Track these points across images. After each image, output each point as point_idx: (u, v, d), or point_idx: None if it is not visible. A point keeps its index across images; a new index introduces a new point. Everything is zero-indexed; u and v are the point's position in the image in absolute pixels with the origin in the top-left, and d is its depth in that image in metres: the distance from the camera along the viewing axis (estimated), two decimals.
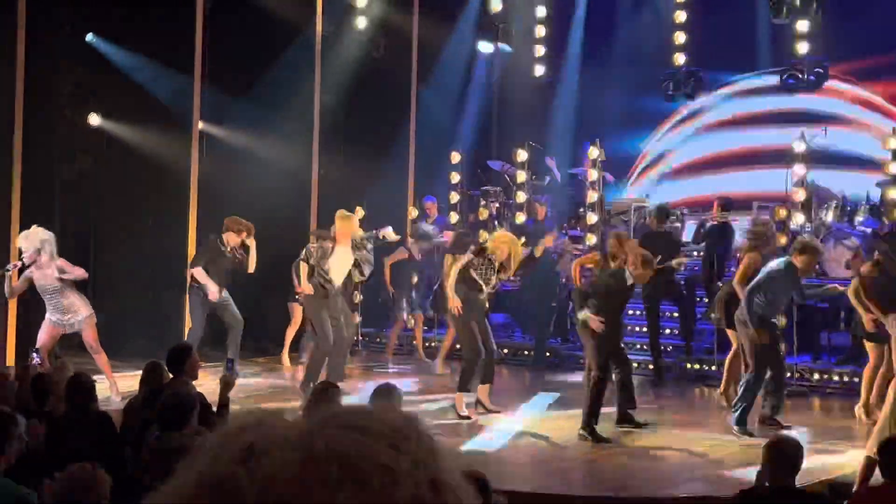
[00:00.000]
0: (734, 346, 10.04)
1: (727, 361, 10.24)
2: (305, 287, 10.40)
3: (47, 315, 10.31)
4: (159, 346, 9.50)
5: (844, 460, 7.88)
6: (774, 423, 9.06)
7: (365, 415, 1.25)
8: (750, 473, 6.16)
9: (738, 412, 8.87)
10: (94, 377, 7.24)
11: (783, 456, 5.26)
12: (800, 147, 12.28)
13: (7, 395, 6.39)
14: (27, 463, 5.23)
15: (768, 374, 8.98)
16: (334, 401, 6.24)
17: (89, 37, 12.98)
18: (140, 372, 7.45)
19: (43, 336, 10.22)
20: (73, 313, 10.26)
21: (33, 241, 10.09)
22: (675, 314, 12.57)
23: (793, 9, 13.22)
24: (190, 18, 13.07)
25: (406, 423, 1.25)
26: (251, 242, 11.26)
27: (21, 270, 10.46)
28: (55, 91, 12.72)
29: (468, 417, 9.51)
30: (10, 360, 11.21)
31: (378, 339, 13.98)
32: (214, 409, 6.92)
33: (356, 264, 10.59)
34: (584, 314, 8.88)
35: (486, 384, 9.78)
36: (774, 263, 9.22)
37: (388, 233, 11.16)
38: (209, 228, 11.96)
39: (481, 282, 9.62)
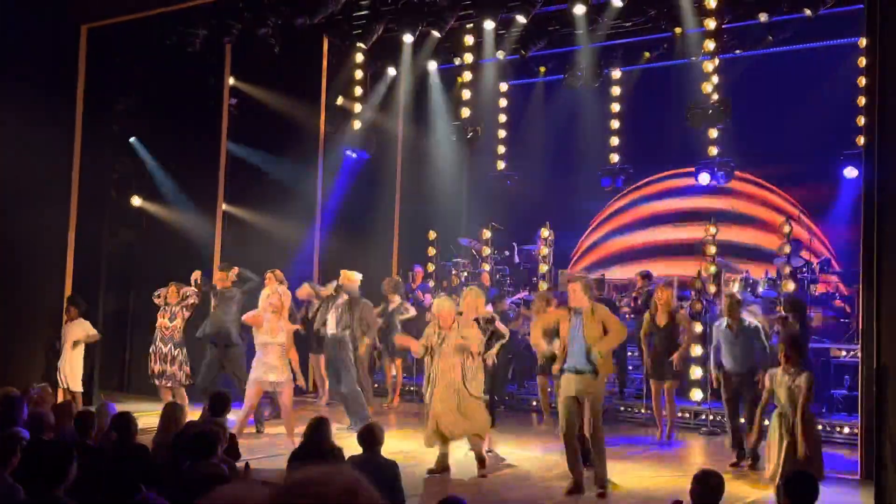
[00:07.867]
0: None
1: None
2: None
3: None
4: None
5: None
6: None
7: (321, 481, 1.36)
8: None
9: None
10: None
11: (707, 486, 5.18)
12: (711, 231, 12.45)
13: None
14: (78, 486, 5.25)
15: None
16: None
17: (132, 139, 13.20)
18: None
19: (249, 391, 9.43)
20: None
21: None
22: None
23: (706, 119, 13.28)
24: (216, 123, 13.28)
25: (354, 482, 1.37)
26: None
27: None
28: (104, 178, 12.90)
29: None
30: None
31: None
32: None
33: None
34: None
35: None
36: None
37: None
38: None
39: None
